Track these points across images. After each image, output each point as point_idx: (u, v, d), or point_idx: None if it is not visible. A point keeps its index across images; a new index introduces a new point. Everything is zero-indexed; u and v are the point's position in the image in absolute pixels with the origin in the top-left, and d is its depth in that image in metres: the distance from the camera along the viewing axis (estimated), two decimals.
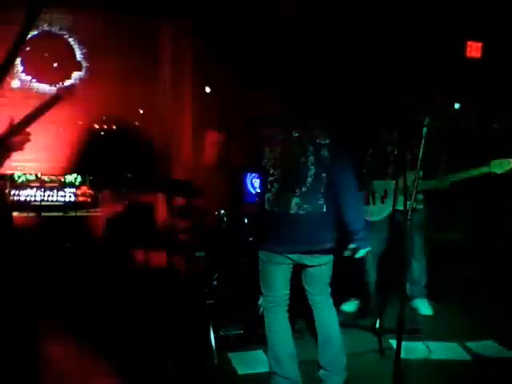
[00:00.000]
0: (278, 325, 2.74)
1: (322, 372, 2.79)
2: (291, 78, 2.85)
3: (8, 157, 2.68)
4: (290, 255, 2.67)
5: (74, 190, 7.61)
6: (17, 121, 2.67)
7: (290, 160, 2.64)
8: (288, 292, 2.77)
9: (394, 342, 3.08)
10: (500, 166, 3.52)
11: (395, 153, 3.96)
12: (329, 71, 4.75)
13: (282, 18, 5.71)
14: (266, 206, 2.67)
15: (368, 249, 2.78)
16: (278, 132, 2.68)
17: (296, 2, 5.79)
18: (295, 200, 2.63)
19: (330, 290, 2.83)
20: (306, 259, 2.69)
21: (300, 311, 3.36)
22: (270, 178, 2.67)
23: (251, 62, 6.06)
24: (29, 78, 6.79)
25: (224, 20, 6.11)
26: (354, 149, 2.89)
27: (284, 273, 2.72)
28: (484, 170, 3.58)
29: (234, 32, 6.15)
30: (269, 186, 2.67)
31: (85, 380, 2.93)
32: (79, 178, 7.72)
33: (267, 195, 2.68)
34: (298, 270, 2.80)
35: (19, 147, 2.69)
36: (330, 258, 2.75)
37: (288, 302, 2.78)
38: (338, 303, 3.92)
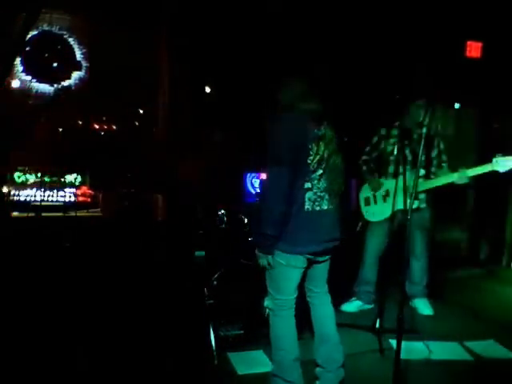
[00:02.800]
0: (286, 329, 2.67)
1: (317, 369, 2.78)
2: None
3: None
4: (313, 257, 2.61)
5: (73, 190, 7.63)
6: None
7: (331, 158, 2.57)
8: (296, 295, 2.71)
9: (394, 342, 3.08)
10: (503, 164, 3.42)
11: (395, 152, 3.94)
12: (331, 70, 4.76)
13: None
14: (307, 206, 2.51)
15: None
16: (315, 127, 2.56)
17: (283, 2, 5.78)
18: (329, 198, 2.59)
19: (327, 286, 2.81)
20: (321, 257, 2.66)
21: (301, 311, 3.36)
22: (312, 176, 2.52)
23: (251, 61, 6.07)
24: (29, 77, 6.79)
25: (222, 19, 6.12)
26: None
27: (299, 276, 2.65)
28: (487, 167, 3.51)
29: (233, 31, 6.16)
30: (308, 185, 2.51)
31: (85, 379, 2.92)
32: (79, 178, 7.74)
33: (308, 194, 2.51)
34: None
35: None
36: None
37: (294, 305, 2.72)
38: (338, 303, 3.96)
